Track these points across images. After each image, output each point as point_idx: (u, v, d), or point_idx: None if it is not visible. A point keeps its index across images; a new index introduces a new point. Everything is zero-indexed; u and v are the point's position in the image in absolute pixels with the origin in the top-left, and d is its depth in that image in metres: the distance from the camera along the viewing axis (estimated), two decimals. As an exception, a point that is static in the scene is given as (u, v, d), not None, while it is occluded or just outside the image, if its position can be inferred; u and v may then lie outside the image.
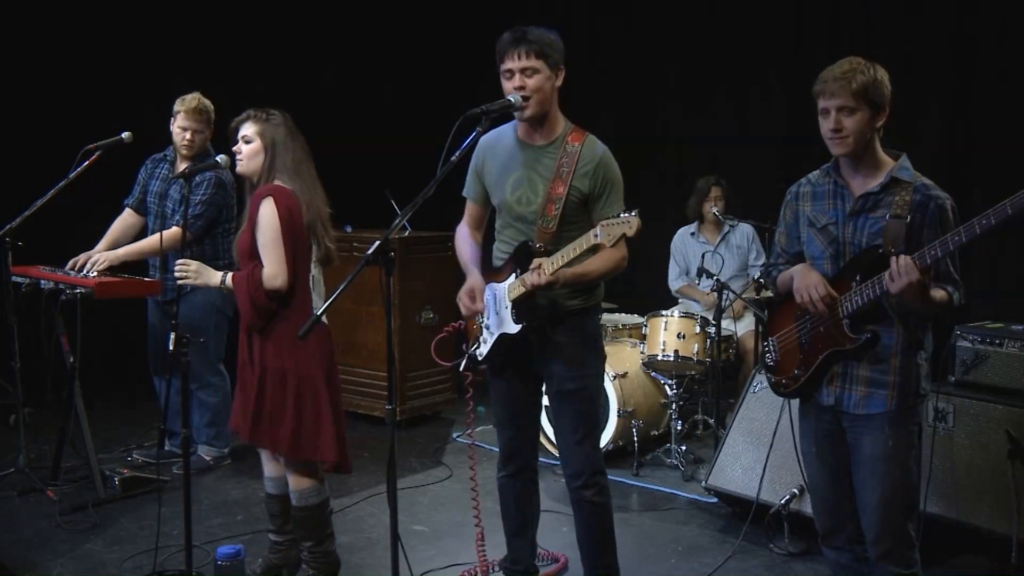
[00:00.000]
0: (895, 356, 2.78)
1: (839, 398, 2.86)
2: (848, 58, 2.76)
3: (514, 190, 3.18)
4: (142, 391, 5.59)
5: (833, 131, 2.73)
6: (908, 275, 2.54)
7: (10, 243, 4.38)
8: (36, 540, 4.04)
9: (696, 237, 5.97)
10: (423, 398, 5.94)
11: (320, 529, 3.57)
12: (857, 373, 2.83)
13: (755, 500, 4.06)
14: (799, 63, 6.31)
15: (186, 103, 4.67)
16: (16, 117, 6.01)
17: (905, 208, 2.71)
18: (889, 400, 2.78)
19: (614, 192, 3.14)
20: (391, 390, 2.72)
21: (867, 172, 2.80)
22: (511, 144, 3.22)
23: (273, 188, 3.41)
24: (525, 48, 3.01)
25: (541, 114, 3.09)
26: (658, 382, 5.28)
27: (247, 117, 3.50)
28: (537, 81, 3.03)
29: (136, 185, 4.92)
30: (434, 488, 4.82)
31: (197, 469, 4.78)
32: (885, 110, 2.75)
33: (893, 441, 2.78)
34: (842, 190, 2.85)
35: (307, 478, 3.50)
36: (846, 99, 2.69)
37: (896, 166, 2.78)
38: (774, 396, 4.26)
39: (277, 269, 3.35)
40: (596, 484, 3.26)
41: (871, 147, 2.78)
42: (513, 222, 3.22)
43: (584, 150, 3.11)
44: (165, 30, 6.55)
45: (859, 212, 2.80)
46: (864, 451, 2.83)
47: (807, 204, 2.95)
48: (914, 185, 2.73)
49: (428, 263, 5.89)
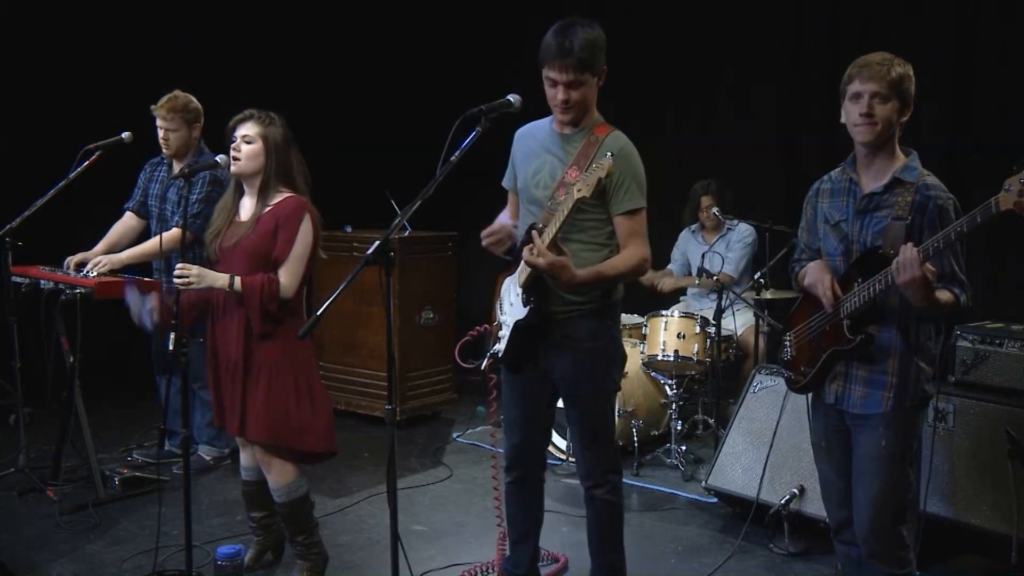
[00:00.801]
0: (893, 358, 2.79)
1: (840, 397, 2.88)
2: (881, 52, 2.77)
3: (535, 173, 3.17)
4: (142, 391, 5.60)
5: (864, 116, 2.72)
6: (913, 268, 2.52)
7: (10, 243, 4.38)
8: (36, 540, 4.04)
9: (696, 236, 6.00)
10: (423, 398, 5.94)
11: (308, 520, 3.63)
12: (857, 373, 2.84)
13: (755, 500, 4.06)
14: (799, 63, 6.32)
15: (159, 103, 4.65)
16: (16, 117, 6.01)
17: (906, 209, 2.71)
18: (885, 401, 2.79)
19: (632, 185, 3.06)
20: (391, 390, 2.72)
21: (880, 168, 2.80)
22: (543, 131, 3.22)
23: (306, 204, 3.48)
24: (571, 61, 2.97)
25: (580, 117, 3.10)
26: (658, 382, 5.28)
27: (249, 117, 3.50)
28: (581, 93, 3.02)
29: (136, 189, 4.93)
30: (434, 488, 4.82)
31: (197, 469, 4.78)
32: (910, 107, 2.75)
33: (887, 442, 2.78)
34: (854, 187, 2.86)
35: (291, 472, 3.53)
36: (881, 86, 2.70)
37: (901, 166, 2.77)
38: (774, 396, 4.29)
39: (296, 283, 3.43)
40: (608, 483, 3.23)
41: (891, 143, 2.78)
42: (528, 205, 3.20)
43: (607, 141, 3.08)
44: (165, 30, 6.55)
45: (864, 211, 2.81)
46: (859, 450, 2.85)
47: (825, 200, 2.96)
48: (916, 186, 2.73)
49: (428, 263, 5.89)
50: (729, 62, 6.61)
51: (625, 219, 3.08)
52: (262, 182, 3.48)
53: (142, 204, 4.88)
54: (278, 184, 3.48)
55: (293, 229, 3.41)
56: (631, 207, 3.07)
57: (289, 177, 3.51)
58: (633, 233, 3.09)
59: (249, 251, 3.43)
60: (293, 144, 3.54)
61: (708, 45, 6.68)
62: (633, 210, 3.07)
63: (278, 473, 3.52)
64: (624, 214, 3.07)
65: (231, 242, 3.47)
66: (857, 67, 2.75)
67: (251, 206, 3.51)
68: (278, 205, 3.46)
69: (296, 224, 3.42)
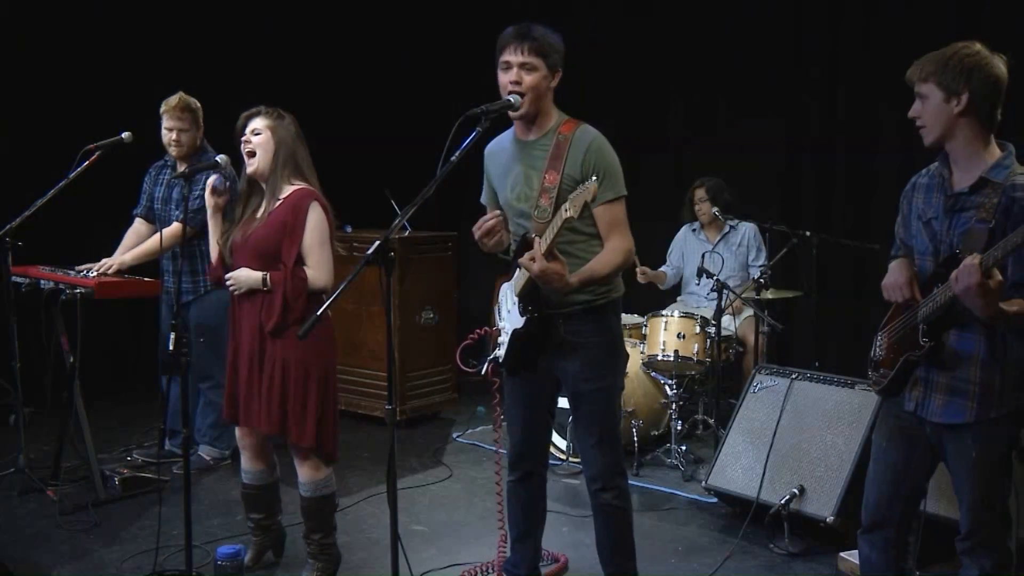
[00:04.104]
0: (976, 366, 2.61)
1: (920, 403, 2.72)
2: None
3: (513, 188, 3.18)
4: (142, 391, 5.60)
5: (914, 119, 2.63)
6: (970, 277, 2.37)
7: (10, 243, 4.37)
8: (36, 540, 4.04)
9: (697, 234, 6.00)
10: (423, 398, 5.94)
11: (329, 520, 3.62)
12: (937, 380, 2.68)
13: (755, 500, 4.06)
14: (799, 62, 6.32)
15: (169, 103, 4.67)
16: (16, 117, 6.00)
17: (990, 212, 2.52)
18: (968, 411, 2.62)
19: (608, 176, 3.06)
20: (391, 390, 2.72)
21: (965, 166, 2.62)
22: (509, 145, 3.23)
23: (313, 192, 3.48)
24: (527, 44, 3.00)
25: (534, 112, 3.09)
26: (658, 382, 5.28)
27: (259, 112, 3.52)
28: (534, 79, 3.03)
29: (142, 194, 4.94)
30: (434, 488, 4.82)
31: (197, 469, 4.78)
32: (964, 94, 2.53)
33: (977, 453, 2.62)
34: (945, 184, 2.68)
35: (323, 468, 3.54)
36: (917, 85, 2.59)
37: (992, 164, 2.58)
38: (774, 396, 4.30)
39: (326, 272, 3.44)
40: (615, 487, 3.22)
41: (960, 139, 2.59)
42: (515, 218, 3.21)
43: (575, 137, 3.08)
44: (165, 30, 6.54)
45: (952, 210, 2.64)
46: (951, 461, 2.71)
47: (920, 196, 2.78)
48: (1004, 186, 2.53)
49: (428, 263, 5.89)
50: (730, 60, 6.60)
51: (605, 209, 3.08)
52: (269, 174, 3.48)
53: (149, 209, 4.91)
54: (288, 176, 3.49)
55: (301, 219, 3.42)
56: (610, 197, 3.07)
57: (299, 170, 3.52)
58: (615, 223, 3.09)
59: (256, 244, 3.44)
60: (302, 140, 3.55)
61: (708, 45, 6.68)
62: (612, 200, 3.08)
63: (312, 468, 3.52)
64: (603, 205, 3.07)
65: (242, 238, 3.48)
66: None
67: (263, 202, 3.51)
68: (287, 198, 3.47)
69: (303, 214, 3.42)
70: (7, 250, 4.38)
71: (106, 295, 4.28)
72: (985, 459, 2.64)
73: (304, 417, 3.44)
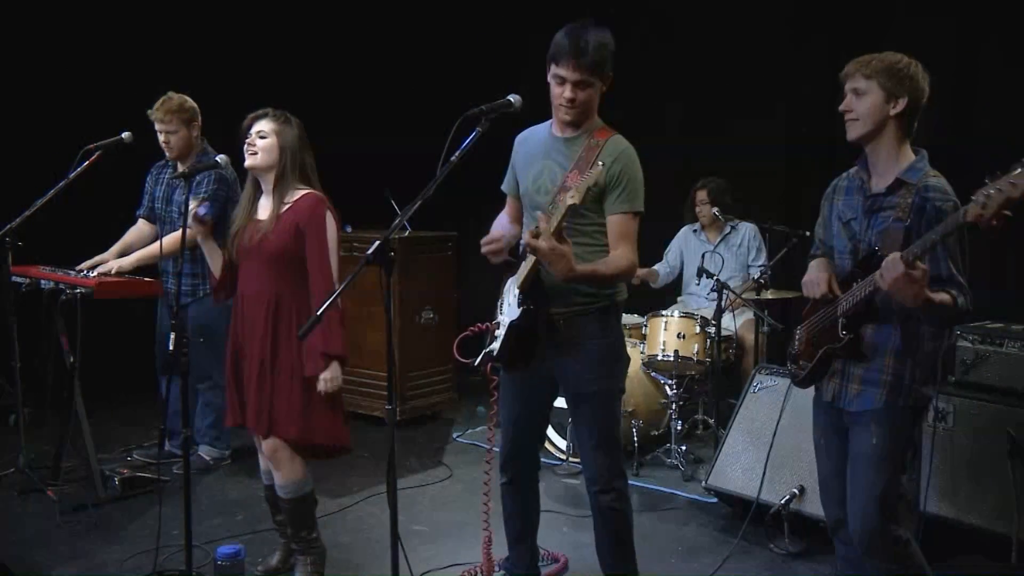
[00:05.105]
0: (888, 356, 2.77)
1: (837, 394, 2.89)
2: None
3: (536, 179, 3.18)
4: (142, 391, 5.59)
5: (844, 112, 2.77)
6: (895, 268, 2.49)
7: (10, 243, 4.37)
8: (36, 540, 4.04)
9: (698, 235, 6.00)
10: (423, 398, 5.95)
11: (312, 517, 3.64)
12: (853, 371, 2.85)
13: (755, 500, 4.06)
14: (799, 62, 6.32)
15: (155, 108, 4.66)
16: (16, 117, 6.00)
17: (906, 211, 2.69)
18: (877, 398, 2.78)
19: (630, 187, 3.05)
20: (391, 390, 2.72)
21: (884, 169, 2.79)
22: (543, 136, 3.22)
23: (324, 200, 3.48)
24: (583, 61, 2.97)
25: (581, 121, 3.10)
26: (658, 382, 5.28)
27: (265, 114, 3.51)
28: (587, 95, 3.03)
29: (144, 195, 4.95)
30: (434, 488, 4.82)
31: (197, 469, 4.78)
32: (902, 99, 2.71)
33: (877, 440, 2.77)
34: (864, 186, 2.85)
35: (300, 470, 3.54)
36: (856, 80, 2.73)
37: (906, 166, 2.75)
38: (774, 396, 4.29)
39: (332, 281, 3.43)
40: (614, 489, 3.21)
41: (884, 140, 2.76)
42: (531, 211, 3.19)
43: (608, 144, 3.08)
44: (166, 30, 6.54)
45: (870, 211, 2.81)
46: (852, 448, 2.85)
47: (840, 198, 2.95)
48: (917, 187, 2.70)
49: (428, 263, 5.89)
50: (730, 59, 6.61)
51: (619, 220, 3.07)
52: (276, 178, 3.47)
53: (150, 209, 4.92)
54: (294, 181, 3.48)
55: (321, 232, 3.42)
56: (626, 209, 3.06)
57: (304, 174, 3.51)
58: (625, 236, 3.07)
59: (271, 253, 3.42)
60: (308, 145, 3.54)
61: (709, 45, 6.68)
62: (628, 212, 3.07)
63: (288, 471, 3.51)
64: (618, 214, 3.06)
65: (251, 242, 3.46)
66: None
67: (268, 204, 3.50)
68: (296, 203, 3.46)
69: (323, 226, 3.42)
70: (7, 250, 4.37)
71: (106, 295, 4.27)
72: (885, 447, 2.78)
73: (334, 419, 3.48)
